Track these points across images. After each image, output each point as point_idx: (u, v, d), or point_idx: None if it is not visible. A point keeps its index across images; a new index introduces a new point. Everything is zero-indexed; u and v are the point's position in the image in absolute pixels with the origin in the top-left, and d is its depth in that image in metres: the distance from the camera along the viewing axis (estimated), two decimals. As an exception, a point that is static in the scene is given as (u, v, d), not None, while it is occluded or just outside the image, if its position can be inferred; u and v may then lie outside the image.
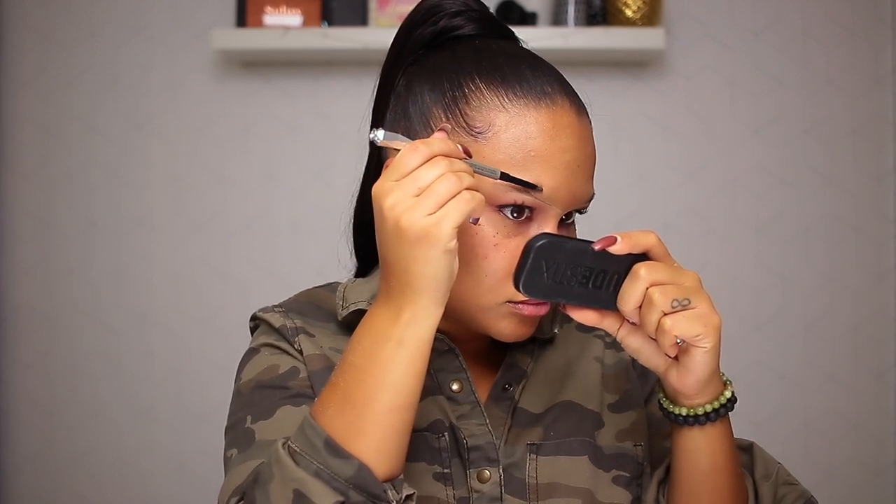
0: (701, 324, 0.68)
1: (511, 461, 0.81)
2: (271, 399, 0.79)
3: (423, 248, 0.65)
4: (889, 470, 2.04)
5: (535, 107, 0.74)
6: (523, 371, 0.85)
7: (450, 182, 0.65)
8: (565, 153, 0.74)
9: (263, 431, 0.76)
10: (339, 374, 0.69)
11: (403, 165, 0.66)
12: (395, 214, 0.65)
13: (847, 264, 2.05)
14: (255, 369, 0.82)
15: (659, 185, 2.05)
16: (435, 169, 0.65)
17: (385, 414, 0.67)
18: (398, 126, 0.78)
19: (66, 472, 2.06)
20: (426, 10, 0.80)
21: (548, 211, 0.74)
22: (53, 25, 2.05)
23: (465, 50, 0.78)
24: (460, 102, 0.74)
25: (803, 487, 0.85)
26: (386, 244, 0.67)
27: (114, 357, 2.06)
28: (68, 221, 2.06)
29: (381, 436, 0.67)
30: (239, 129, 2.06)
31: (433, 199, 0.65)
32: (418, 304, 0.67)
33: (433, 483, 0.79)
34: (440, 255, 0.65)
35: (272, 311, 0.86)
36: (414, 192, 0.65)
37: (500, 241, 0.73)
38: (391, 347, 0.67)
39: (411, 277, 0.66)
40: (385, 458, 0.67)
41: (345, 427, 0.67)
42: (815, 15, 2.04)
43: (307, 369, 0.81)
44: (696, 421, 0.75)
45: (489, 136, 0.73)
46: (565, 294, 0.70)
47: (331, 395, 0.69)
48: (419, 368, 0.68)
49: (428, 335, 0.68)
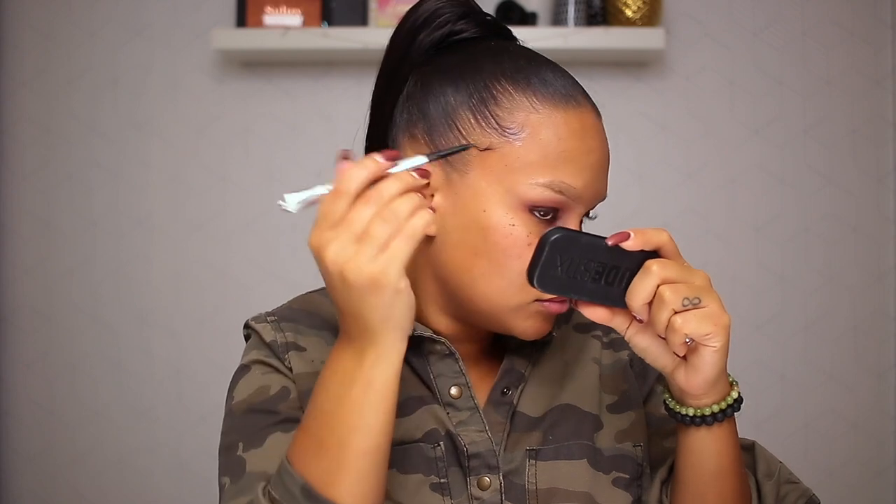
0: (711, 323, 0.68)
1: (511, 467, 0.81)
2: (261, 425, 0.79)
3: (373, 295, 0.64)
4: (889, 470, 2.04)
5: (563, 108, 0.74)
6: (521, 374, 0.85)
7: (386, 223, 0.64)
8: (592, 153, 0.75)
9: (254, 462, 0.76)
10: (310, 417, 0.70)
11: (332, 213, 0.65)
12: (339, 267, 0.64)
13: (847, 264, 2.05)
14: (247, 390, 0.82)
15: (659, 185, 2.05)
16: (366, 209, 0.64)
17: (360, 457, 0.67)
18: (415, 127, 0.78)
19: (66, 472, 2.06)
20: (428, 14, 0.80)
21: (572, 210, 0.75)
22: (53, 25, 2.05)
23: (482, 52, 0.79)
24: (489, 104, 0.75)
25: (805, 486, 0.85)
26: (334, 294, 0.67)
27: (114, 357, 2.06)
28: (68, 221, 2.06)
29: (357, 478, 0.67)
30: (239, 129, 2.06)
31: (373, 244, 0.64)
32: (380, 345, 0.67)
33: (430, 494, 0.79)
34: (391, 299, 0.65)
35: (264, 320, 0.86)
36: (352, 240, 0.64)
37: (532, 240, 0.73)
38: (359, 390, 0.67)
39: (368, 322, 0.66)
40: (362, 500, 0.67)
41: (321, 473, 0.67)
42: (815, 15, 2.04)
43: (297, 389, 0.81)
44: (703, 421, 0.75)
45: (523, 136, 0.73)
46: (578, 289, 0.70)
47: (304, 440, 0.69)
48: (389, 407, 0.68)
49: (394, 374, 0.68)
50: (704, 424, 0.75)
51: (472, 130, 0.75)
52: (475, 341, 0.85)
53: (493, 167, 0.73)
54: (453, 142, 0.75)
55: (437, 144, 0.76)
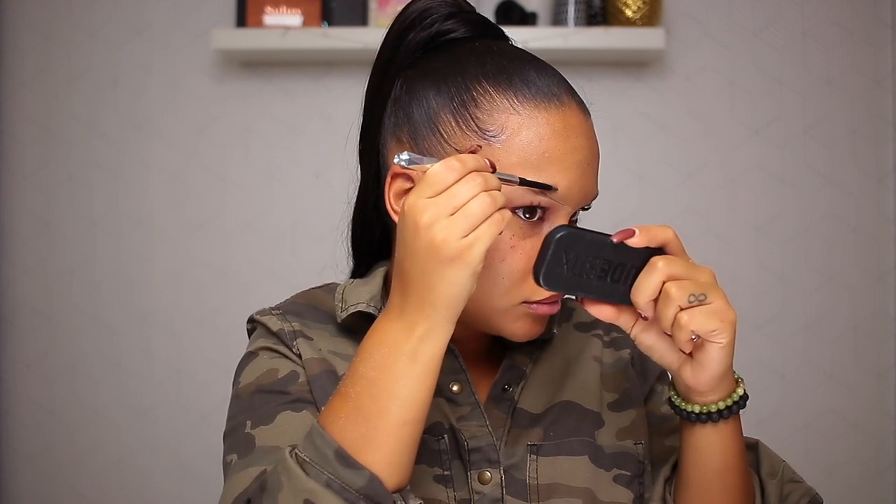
0: (717, 319, 0.69)
1: (511, 462, 0.81)
2: (271, 404, 0.78)
3: (453, 269, 0.65)
4: (889, 470, 2.05)
5: (545, 108, 0.74)
6: (522, 371, 0.85)
7: (484, 203, 0.65)
8: (577, 153, 0.74)
9: (264, 437, 0.76)
10: (349, 384, 0.69)
11: (438, 182, 0.65)
12: (431, 233, 0.65)
13: (846, 264, 2.05)
14: (255, 373, 0.82)
15: (659, 185, 2.05)
16: (470, 187, 0.65)
17: (397, 427, 0.67)
18: (401, 131, 0.78)
19: (66, 472, 2.06)
20: (417, 14, 0.80)
21: (559, 210, 0.75)
22: (53, 25, 2.05)
23: (465, 52, 0.78)
24: (469, 106, 0.74)
25: (808, 485, 0.85)
26: (413, 259, 0.66)
27: (114, 357, 2.05)
28: (68, 221, 2.06)
29: (393, 448, 0.67)
30: (239, 129, 2.06)
31: (468, 221, 0.64)
32: (435, 320, 0.67)
33: (434, 485, 0.79)
34: (468, 278, 0.65)
35: (269, 313, 0.86)
36: (449, 211, 0.65)
37: (516, 242, 0.74)
38: (404, 362, 0.67)
39: (433, 295, 0.66)
40: (395, 470, 0.67)
41: (356, 438, 0.67)
42: (815, 15, 2.04)
43: (306, 374, 0.81)
44: (709, 418, 0.75)
45: (502, 138, 0.73)
46: (583, 287, 0.70)
47: (341, 406, 0.69)
48: (431, 383, 0.68)
49: (441, 351, 0.68)
50: (710, 421, 0.75)
51: (454, 133, 0.75)
52: (475, 340, 0.86)
53: None
54: (436, 146, 0.75)
55: (420, 148, 0.76)
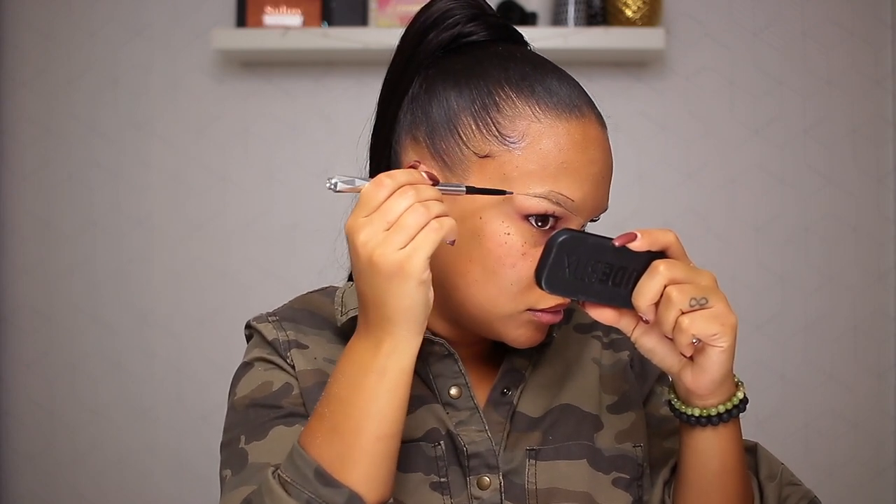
0: (718, 323, 0.69)
1: (510, 467, 0.81)
2: (264, 418, 0.79)
3: (396, 282, 0.66)
4: (889, 470, 2.05)
5: (566, 118, 0.74)
6: (521, 375, 0.85)
7: (418, 213, 0.66)
8: (594, 165, 0.75)
9: (256, 453, 0.77)
10: (324, 403, 0.71)
11: (371, 200, 0.67)
12: (368, 250, 0.66)
13: (846, 264, 2.05)
14: (249, 385, 0.82)
15: (659, 185, 2.05)
16: (402, 200, 0.66)
17: (373, 443, 0.68)
18: (418, 129, 0.78)
19: (66, 472, 2.06)
20: (439, 14, 0.80)
21: (571, 220, 0.75)
22: (53, 25, 2.05)
23: (488, 56, 0.78)
24: (491, 110, 0.74)
25: (807, 488, 0.85)
26: (361, 279, 0.68)
27: (114, 357, 2.06)
28: (68, 221, 2.06)
29: (370, 464, 0.68)
30: (239, 129, 2.06)
31: (404, 233, 0.66)
32: (397, 335, 0.68)
33: (430, 493, 0.79)
34: (414, 288, 0.66)
35: (266, 320, 0.86)
36: (384, 227, 0.66)
37: (527, 250, 0.74)
38: (373, 379, 0.68)
39: (388, 310, 0.67)
40: (375, 486, 0.69)
41: (334, 457, 0.68)
42: (815, 15, 2.04)
43: (300, 385, 0.81)
44: (708, 422, 0.75)
45: (522, 145, 0.73)
46: (585, 291, 0.70)
47: (318, 426, 0.70)
48: (402, 397, 0.69)
49: (408, 364, 0.69)
50: (710, 425, 0.75)
51: (473, 136, 0.74)
52: (474, 343, 0.86)
53: (491, 175, 0.73)
54: (453, 147, 0.75)
55: (437, 148, 0.76)
